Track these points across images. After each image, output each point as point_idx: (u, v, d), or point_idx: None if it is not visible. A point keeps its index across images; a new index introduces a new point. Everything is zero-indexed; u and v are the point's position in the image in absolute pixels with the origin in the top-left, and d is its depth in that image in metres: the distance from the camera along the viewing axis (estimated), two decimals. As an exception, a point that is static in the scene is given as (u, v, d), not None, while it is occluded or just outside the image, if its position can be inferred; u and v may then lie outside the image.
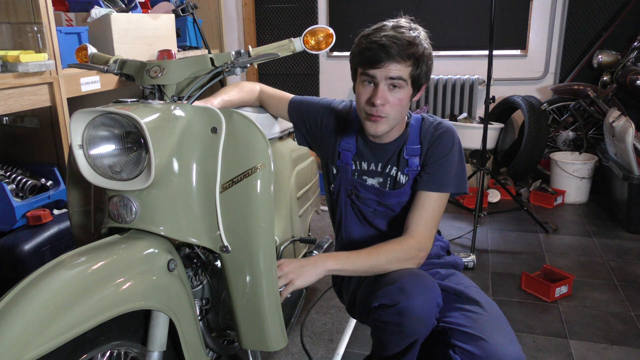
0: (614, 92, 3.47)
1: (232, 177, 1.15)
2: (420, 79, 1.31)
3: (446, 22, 3.98)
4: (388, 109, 1.30)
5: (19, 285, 0.89)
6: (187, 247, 1.27)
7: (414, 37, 1.28)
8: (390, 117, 1.32)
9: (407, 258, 1.32)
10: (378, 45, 1.25)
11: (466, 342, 1.20)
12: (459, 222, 3.16)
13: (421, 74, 1.31)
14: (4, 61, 1.77)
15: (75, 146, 1.04)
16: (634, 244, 2.83)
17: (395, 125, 1.36)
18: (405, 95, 1.31)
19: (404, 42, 1.26)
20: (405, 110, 1.35)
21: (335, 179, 1.49)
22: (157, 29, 2.54)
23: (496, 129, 3.68)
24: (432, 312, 1.22)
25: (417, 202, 1.38)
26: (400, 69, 1.27)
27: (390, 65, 1.26)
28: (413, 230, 1.35)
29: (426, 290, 1.21)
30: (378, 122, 1.31)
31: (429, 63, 1.32)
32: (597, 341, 1.96)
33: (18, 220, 1.81)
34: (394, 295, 1.20)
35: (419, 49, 1.28)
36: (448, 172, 1.37)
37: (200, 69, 1.21)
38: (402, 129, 1.41)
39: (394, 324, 1.22)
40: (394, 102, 1.30)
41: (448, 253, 1.54)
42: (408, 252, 1.32)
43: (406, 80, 1.29)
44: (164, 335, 1.11)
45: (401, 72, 1.27)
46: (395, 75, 1.27)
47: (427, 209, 1.36)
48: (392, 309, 1.20)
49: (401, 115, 1.35)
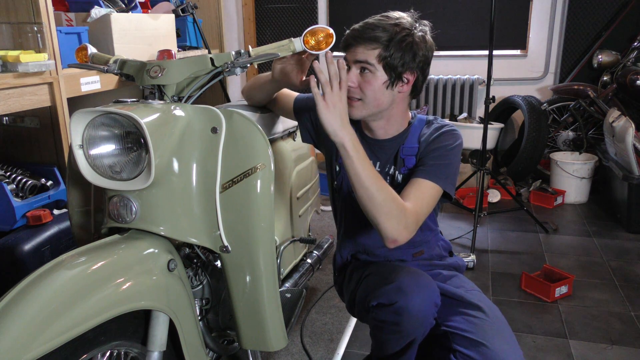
0: (614, 92, 3.47)
1: (232, 177, 1.15)
2: (395, 65, 1.27)
3: (446, 22, 3.98)
4: (359, 92, 1.31)
5: (19, 285, 0.89)
6: (187, 247, 1.27)
7: (389, 23, 1.28)
8: (366, 101, 1.31)
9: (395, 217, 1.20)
10: (353, 29, 1.31)
11: (467, 348, 1.20)
12: (459, 222, 3.16)
13: (394, 58, 1.27)
14: (4, 61, 1.77)
15: (75, 146, 1.04)
16: (634, 244, 2.83)
17: (374, 112, 1.34)
18: (376, 79, 1.29)
19: (372, 26, 1.28)
20: (381, 97, 1.31)
21: (338, 176, 1.49)
22: (157, 29, 2.54)
23: (496, 129, 3.68)
24: (430, 312, 1.21)
25: (412, 184, 1.29)
26: (364, 51, 1.28)
27: (358, 47, 1.29)
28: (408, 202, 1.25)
29: (424, 289, 1.21)
30: (353, 104, 1.32)
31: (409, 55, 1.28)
32: (597, 341, 1.96)
33: (18, 220, 1.81)
34: (392, 295, 1.20)
35: (388, 33, 1.26)
36: (446, 168, 1.32)
37: (200, 69, 1.21)
38: (402, 127, 1.41)
39: (391, 323, 1.22)
40: (363, 85, 1.30)
41: (450, 254, 1.54)
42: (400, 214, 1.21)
43: (373, 64, 1.28)
44: (164, 335, 1.11)
45: (366, 55, 1.28)
46: (361, 59, 1.29)
47: (421, 191, 1.28)
48: (389, 308, 1.20)
49: (376, 101, 1.31)
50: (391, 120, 1.39)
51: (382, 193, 1.19)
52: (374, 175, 1.20)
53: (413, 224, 1.23)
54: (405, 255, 1.46)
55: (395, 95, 1.33)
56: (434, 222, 1.49)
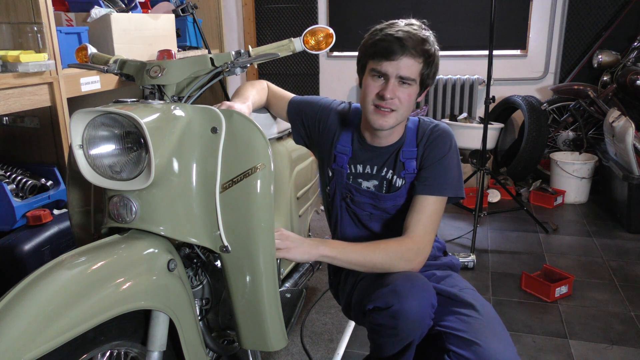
0: (614, 92, 3.47)
1: (232, 177, 1.15)
2: (427, 80, 1.33)
3: (446, 22, 3.99)
4: (397, 104, 1.31)
5: (19, 285, 0.89)
6: (187, 247, 1.27)
7: (427, 36, 1.30)
8: (399, 113, 1.32)
9: (403, 259, 1.30)
10: (394, 37, 1.26)
11: (461, 347, 1.19)
12: (459, 222, 3.16)
13: (430, 74, 1.32)
14: (4, 61, 1.77)
15: (75, 146, 1.04)
16: (634, 244, 2.83)
17: (400, 122, 1.36)
18: (413, 92, 1.32)
19: (419, 38, 1.28)
20: (411, 108, 1.36)
21: (331, 182, 1.49)
22: (157, 29, 2.54)
23: (496, 129, 3.68)
24: (427, 314, 1.21)
25: (414, 206, 1.36)
26: (413, 65, 1.28)
27: (404, 58, 1.27)
28: (412, 232, 1.33)
29: (420, 292, 1.20)
30: (386, 115, 1.31)
31: (437, 65, 1.34)
32: (597, 341, 1.96)
33: (18, 220, 1.81)
34: (388, 298, 1.20)
35: (431, 49, 1.30)
36: (445, 176, 1.36)
37: (200, 69, 1.21)
38: (401, 132, 1.41)
39: (388, 326, 1.21)
40: (403, 98, 1.30)
41: (445, 254, 1.54)
42: (406, 252, 1.30)
43: (415, 80, 1.30)
44: (164, 335, 1.11)
45: (413, 69, 1.28)
46: (405, 75, 1.28)
47: (425, 212, 1.35)
48: (386, 312, 1.20)
49: (408, 112, 1.35)
50: (399, 127, 1.40)
51: (380, 255, 1.29)
52: (362, 251, 1.30)
53: (424, 249, 1.33)
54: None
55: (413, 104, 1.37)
56: None
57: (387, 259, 1.29)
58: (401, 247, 1.31)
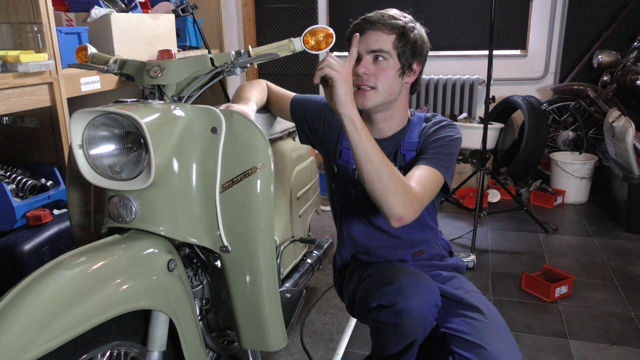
0: (614, 92, 3.47)
1: (232, 177, 1.15)
2: (406, 55, 1.32)
3: (446, 22, 3.98)
4: (374, 80, 1.31)
5: (19, 285, 0.89)
6: (187, 247, 1.27)
7: (401, 15, 1.33)
8: (379, 89, 1.32)
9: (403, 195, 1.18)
10: (363, 19, 1.34)
11: (466, 350, 1.19)
12: (459, 222, 3.16)
13: (407, 48, 1.32)
14: (4, 61, 1.77)
15: (75, 146, 1.04)
16: (634, 244, 2.83)
17: (385, 101, 1.34)
18: (390, 67, 1.31)
19: (388, 15, 1.32)
20: (393, 85, 1.33)
21: (337, 177, 1.49)
22: (157, 29, 2.54)
23: (496, 129, 3.68)
24: (430, 313, 1.21)
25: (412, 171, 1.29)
26: (381, 37, 1.30)
27: (371, 32, 1.30)
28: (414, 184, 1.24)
29: (424, 290, 1.20)
30: (366, 93, 1.31)
31: (418, 41, 1.34)
32: (597, 341, 1.96)
33: (18, 220, 1.81)
34: (392, 296, 1.20)
35: (402, 22, 1.32)
36: (446, 156, 1.33)
37: (200, 69, 1.21)
38: (402, 124, 1.41)
39: (391, 324, 1.21)
40: (379, 73, 1.31)
41: (450, 254, 1.54)
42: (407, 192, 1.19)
43: (389, 52, 1.30)
44: (164, 335, 1.11)
45: (382, 41, 1.30)
46: (376, 47, 1.30)
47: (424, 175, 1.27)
48: (389, 310, 1.20)
49: (391, 89, 1.33)
50: (395, 113, 1.39)
51: (389, 169, 1.18)
52: (380, 152, 1.19)
53: (418, 204, 1.21)
54: (405, 255, 1.46)
55: (403, 85, 1.37)
56: (434, 221, 1.49)
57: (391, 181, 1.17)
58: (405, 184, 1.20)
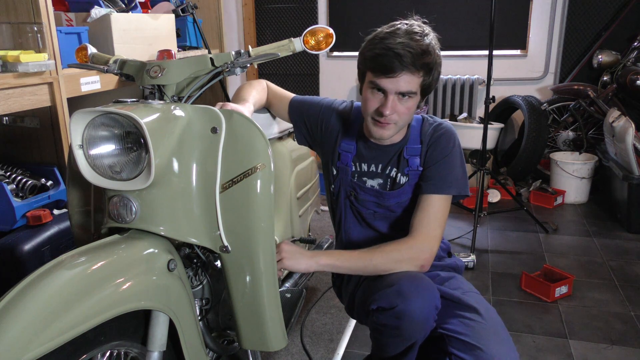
0: (614, 92, 3.46)
1: (232, 177, 1.15)
2: (429, 87, 1.31)
3: (446, 22, 3.98)
4: (396, 117, 1.30)
5: (19, 285, 0.89)
6: (187, 247, 1.27)
7: (428, 45, 1.26)
8: (399, 124, 1.33)
9: (407, 258, 1.30)
10: (393, 53, 1.22)
11: (463, 351, 1.19)
12: (459, 222, 3.16)
13: (432, 82, 1.31)
14: (4, 61, 1.77)
15: (75, 146, 1.04)
16: (634, 244, 2.83)
17: (401, 129, 1.37)
18: (413, 103, 1.31)
19: (418, 52, 1.23)
20: (412, 116, 1.36)
21: (335, 180, 1.49)
22: (157, 29, 2.54)
23: (496, 129, 3.68)
24: (430, 315, 1.21)
25: (419, 205, 1.37)
26: (412, 80, 1.26)
27: (403, 75, 1.24)
28: (415, 230, 1.33)
29: (424, 293, 1.20)
30: (385, 127, 1.32)
31: (439, 69, 1.32)
32: (597, 341, 1.96)
33: (18, 220, 1.81)
34: (392, 298, 1.20)
35: (432, 58, 1.26)
36: (449, 174, 1.36)
37: (200, 69, 1.21)
38: (404, 132, 1.41)
39: (391, 327, 1.21)
40: (403, 112, 1.30)
41: (449, 255, 1.54)
42: (408, 251, 1.30)
43: (416, 92, 1.29)
44: (164, 335, 1.11)
45: (412, 84, 1.26)
46: (405, 90, 1.26)
47: (429, 210, 1.35)
48: (389, 312, 1.20)
49: (408, 121, 1.36)
50: (401, 130, 1.40)
51: (379, 257, 1.30)
52: (362, 255, 1.31)
53: (429, 247, 1.32)
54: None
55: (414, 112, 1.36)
56: None
57: (388, 260, 1.29)
58: (401, 247, 1.31)
